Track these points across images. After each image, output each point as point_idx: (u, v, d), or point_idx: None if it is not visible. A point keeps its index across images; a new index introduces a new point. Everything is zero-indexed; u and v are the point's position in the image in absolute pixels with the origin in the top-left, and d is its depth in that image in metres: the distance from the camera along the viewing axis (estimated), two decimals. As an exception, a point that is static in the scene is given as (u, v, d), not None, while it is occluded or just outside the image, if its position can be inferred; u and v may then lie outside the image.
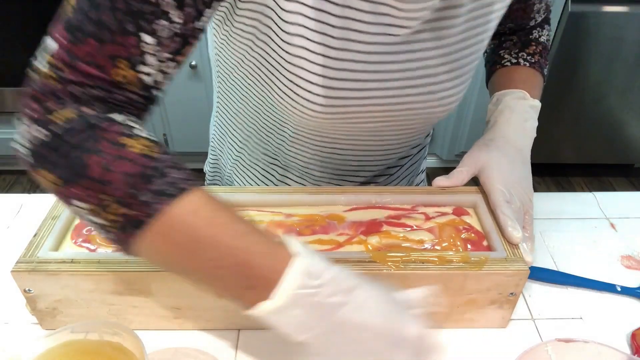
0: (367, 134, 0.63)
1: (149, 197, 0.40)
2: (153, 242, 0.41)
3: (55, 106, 0.42)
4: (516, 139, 0.63)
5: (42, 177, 0.42)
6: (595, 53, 1.83)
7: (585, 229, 0.73)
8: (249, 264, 0.40)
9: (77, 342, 0.47)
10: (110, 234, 0.42)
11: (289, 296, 0.39)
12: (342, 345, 0.42)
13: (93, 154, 0.40)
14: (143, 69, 0.43)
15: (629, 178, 2.27)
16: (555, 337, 0.49)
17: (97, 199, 0.40)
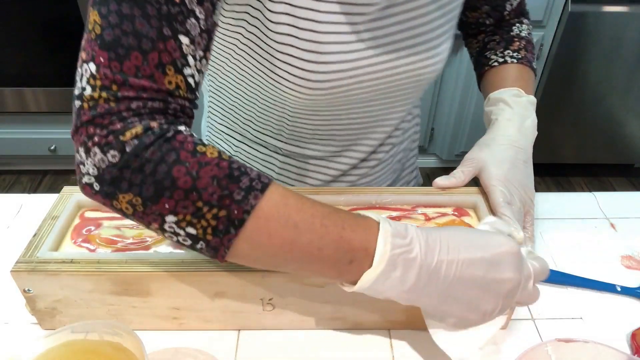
0: (361, 105, 0.63)
1: (241, 195, 0.41)
2: (252, 238, 0.42)
3: (120, 125, 0.41)
4: (518, 138, 0.63)
5: (123, 202, 0.42)
6: (595, 53, 1.83)
7: (585, 229, 0.73)
8: (345, 238, 0.43)
9: (77, 342, 0.47)
10: (203, 243, 0.42)
11: (387, 258, 0.42)
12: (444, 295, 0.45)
13: (177, 165, 0.41)
14: (187, 71, 0.43)
15: (629, 178, 2.27)
16: (555, 337, 0.49)
17: (190, 207, 0.41)
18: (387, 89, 0.62)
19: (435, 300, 0.45)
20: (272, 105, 0.63)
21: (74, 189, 0.62)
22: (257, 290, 0.54)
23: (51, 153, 2.06)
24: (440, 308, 0.46)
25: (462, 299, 0.45)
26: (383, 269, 0.42)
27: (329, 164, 0.71)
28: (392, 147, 0.74)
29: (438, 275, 0.44)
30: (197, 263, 0.52)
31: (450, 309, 0.46)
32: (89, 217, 0.60)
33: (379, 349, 0.56)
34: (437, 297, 0.45)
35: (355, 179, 0.73)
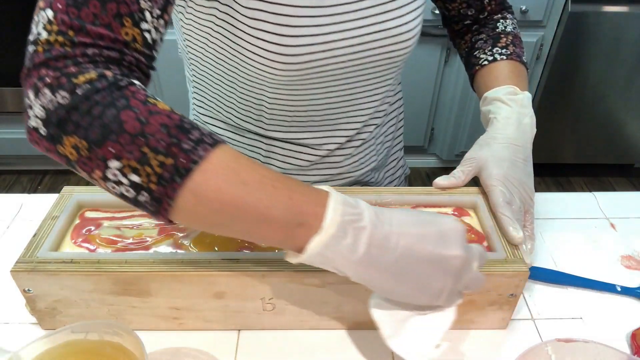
0: (338, 84, 0.64)
1: (191, 145, 0.40)
2: (198, 191, 0.40)
3: (74, 69, 0.40)
4: (516, 136, 0.63)
5: (68, 146, 0.40)
6: (595, 53, 1.83)
7: (585, 229, 0.73)
8: (296, 201, 0.42)
9: (77, 342, 0.47)
10: (146, 194, 0.41)
11: (338, 223, 0.41)
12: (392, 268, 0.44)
13: (127, 110, 0.40)
14: (144, 25, 0.44)
15: (629, 178, 2.27)
16: (555, 337, 0.49)
17: (135, 152, 0.39)
18: (361, 62, 0.63)
19: (385, 275, 0.44)
20: (250, 88, 0.64)
21: (74, 189, 0.62)
22: (257, 290, 0.54)
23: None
24: (390, 285, 0.45)
25: (411, 275, 0.44)
26: (333, 234, 0.41)
27: (314, 146, 0.71)
28: (375, 127, 0.74)
29: (388, 247, 0.43)
30: (197, 263, 0.52)
31: (400, 287, 0.45)
32: (89, 217, 0.60)
33: (379, 349, 0.56)
34: (386, 272, 0.44)
35: (341, 159, 0.73)
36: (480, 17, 0.76)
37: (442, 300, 0.46)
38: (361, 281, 0.45)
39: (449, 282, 0.45)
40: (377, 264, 0.43)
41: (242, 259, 0.53)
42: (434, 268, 0.44)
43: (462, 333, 0.58)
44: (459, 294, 0.48)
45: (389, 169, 0.83)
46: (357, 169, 0.75)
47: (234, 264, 0.52)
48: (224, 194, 0.41)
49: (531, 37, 1.82)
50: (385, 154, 0.80)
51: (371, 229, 0.42)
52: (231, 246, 0.57)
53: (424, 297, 0.46)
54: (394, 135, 0.81)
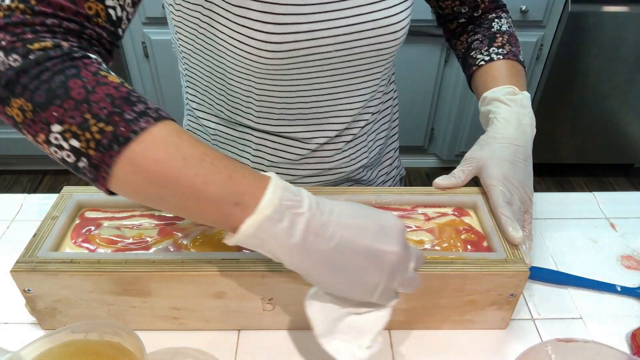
0: (324, 74, 0.64)
1: (133, 116, 0.41)
2: (136, 160, 0.40)
3: (30, 36, 0.42)
4: (517, 136, 0.63)
5: (16, 107, 0.41)
6: (595, 53, 1.83)
7: (585, 229, 0.73)
8: (235, 180, 0.42)
9: (77, 342, 0.47)
10: (85, 160, 0.41)
11: (275, 205, 0.41)
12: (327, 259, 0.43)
13: (76, 78, 0.41)
14: (108, 2, 0.45)
15: (629, 178, 2.27)
16: (555, 337, 0.49)
17: (79, 118, 0.40)
18: (348, 53, 0.62)
19: (320, 265, 0.43)
20: (238, 79, 0.64)
21: (74, 189, 0.62)
22: (257, 290, 0.54)
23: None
24: (325, 276, 0.44)
25: (346, 267, 0.43)
26: (269, 215, 0.41)
27: (303, 140, 0.71)
28: (366, 123, 0.74)
29: (325, 236, 0.42)
30: (197, 263, 0.52)
31: (334, 279, 0.44)
32: (89, 217, 0.60)
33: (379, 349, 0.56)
34: (321, 262, 0.43)
35: (331, 154, 0.72)
36: (475, 15, 0.76)
37: (377, 296, 0.45)
38: (296, 269, 0.44)
39: (384, 278, 0.44)
40: (313, 252, 0.42)
41: (242, 259, 0.53)
42: (370, 262, 0.44)
43: (462, 333, 0.58)
44: (394, 293, 0.47)
45: (382, 167, 0.83)
46: (347, 164, 0.74)
47: (234, 264, 0.52)
48: (160, 165, 0.41)
49: (531, 37, 1.82)
50: (378, 152, 0.80)
51: (309, 216, 0.42)
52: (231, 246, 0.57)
53: (358, 291, 0.45)
54: (388, 134, 0.81)
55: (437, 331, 0.58)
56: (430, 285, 0.54)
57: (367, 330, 0.47)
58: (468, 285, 0.54)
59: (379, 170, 0.82)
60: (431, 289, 0.54)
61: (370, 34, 0.62)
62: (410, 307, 0.56)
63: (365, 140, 0.75)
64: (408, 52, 1.81)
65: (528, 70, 1.89)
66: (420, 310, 0.56)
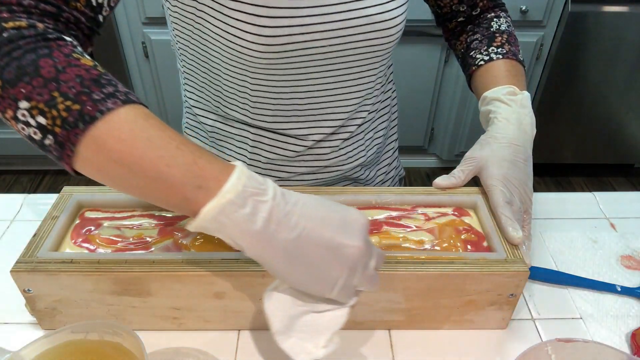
0: (319, 70, 0.64)
1: (101, 97, 0.41)
2: (100, 140, 0.41)
3: (8, 17, 0.42)
4: (517, 136, 0.63)
5: None
6: (595, 53, 1.83)
7: (585, 229, 0.73)
8: (199, 165, 0.42)
9: (77, 342, 0.47)
10: (51, 137, 0.41)
11: (238, 191, 0.41)
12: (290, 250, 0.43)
13: (47, 58, 0.41)
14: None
15: (629, 178, 2.27)
16: (555, 337, 0.49)
17: (47, 96, 0.41)
18: (342, 49, 0.62)
19: (280, 254, 0.43)
20: (233, 74, 0.64)
21: (74, 189, 0.62)
22: (257, 290, 0.54)
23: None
24: (284, 266, 0.44)
25: (307, 259, 0.43)
26: (231, 199, 0.41)
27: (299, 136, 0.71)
28: (363, 122, 0.73)
29: (287, 225, 0.42)
30: (197, 263, 0.52)
31: (293, 269, 0.44)
32: (89, 217, 0.60)
33: (379, 349, 0.56)
34: (282, 251, 0.43)
35: (328, 151, 0.72)
36: (473, 14, 0.76)
37: (336, 292, 0.45)
38: (255, 257, 0.44)
39: (344, 273, 0.44)
40: (274, 241, 0.42)
41: (242, 259, 0.53)
42: (331, 254, 0.43)
43: (462, 333, 0.58)
44: (354, 291, 0.47)
45: (381, 167, 0.83)
46: (344, 162, 0.74)
47: (234, 264, 0.52)
48: (124, 145, 0.41)
49: (531, 37, 1.82)
50: (376, 152, 0.80)
51: (273, 205, 0.42)
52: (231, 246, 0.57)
53: (317, 285, 0.45)
54: (386, 133, 0.81)
55: (437, 331, 0.58)
56: (430, 285, 0.54)
57: (325, 329, 0.47)
58: (468, 285, 0.54)
59: (377, 170, 0.82)
60: (431, 289, 0.54)
61: (364, 29, 0.61)
62: (410, 307, 0.56)
63: (363, 139, 0.75)
64: (407, 52, 1.81)
65: (528, 70, 1.89)
66: (420, 310, 0.56)
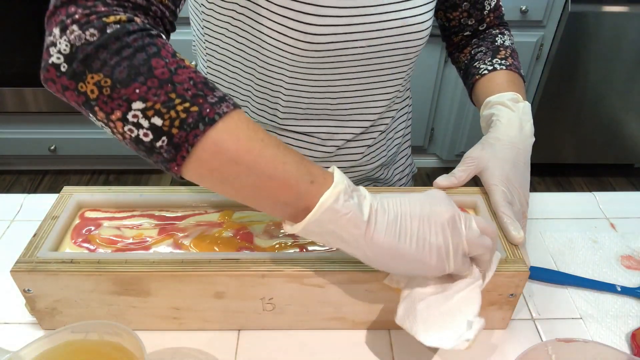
0: (354, 71, 0.65)
1: (215, 100, 0.43)
2: (219, 140, 0.42)
3: (104, 9, 0.42)
4: (519, 140, 0.64)
5: (91, 83, 0.41)
6: (595, 53, 1.83)
7: (585, 229, 0.73)
8: (306, 162, 0.45)
9: (77, 342, 0.47)
10: (165, 139, 0.41)
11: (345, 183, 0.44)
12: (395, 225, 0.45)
13: (157, 57, 0.42)
14: None
15: (629, 178, 2.27)
16: (555, 337, 0.49)
17: (164, 97, 0.41)
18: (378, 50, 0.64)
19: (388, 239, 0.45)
20: (269, 74, 0.64)
21: (74, 189, 0.62)
22: (257, 290, 0.54)
23: (51, 153, 2.06)
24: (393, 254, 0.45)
25: (409, 232, 0.45)
26: (343, 189, 0.43)
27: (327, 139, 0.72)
28: (391, 121, 0.76)
29: (385, 210, 0.45)
30: (197, 263, 0.52)
31: (404, 253, 0.45)
32: (89, 217, 0.60)
33: (379, 349, 0.56)
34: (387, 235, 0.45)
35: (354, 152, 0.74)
36: (480, 29, 0.78)
37: (452, 262, 0.47)
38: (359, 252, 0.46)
39: (449, 237, 0.46)
40: (378, 228, 0.45)
41: (242, 259, 0.53)
42: (427, 222, 0.46)
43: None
44: (469, 260, 0.49)
45: (398, 166, 0.84)
46: (368, 162, 0.76)
47: (234, 264, 0.52)
48: (242, 145, 0.42)
49: (531, 37, 1.82)
50: (395, 151, 0.81)
51: (371, 198, 0.46)
52: (231, 246, 0.57)
53: (429, 260, 0.46)
54: (404, 132, 0.83)
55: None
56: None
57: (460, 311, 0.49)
58: (468, 285, 0.54)
59: (395, 169, 0.84)
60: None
61: (399, 31, 0.63)
62: (410, 307, 0.56)
63: (385, 139, 0.77)
64: (408, 52, 1.81)
65: (528, 70, 1.90)
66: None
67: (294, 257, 0.53)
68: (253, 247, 0.57)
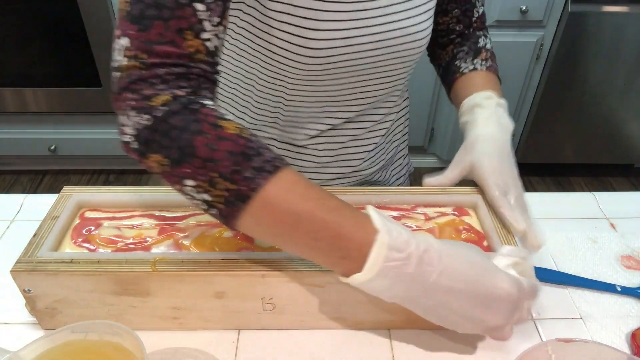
0: (354, 80, 0.65)
1: (251, 173, 0.45)
2: (255, 215, 0.45)
3: (150, 91, 0.45)
4: (498, 134, 0.65)
5: (153, 161, 0.46)
6: (595, 53, 1.83)
7: (585, 229, 0.73)
8: (342, 236, 0.45)
9: (77, 342, 0.47)
10: (215, 210, 0.46)
11: (377, 270, 0.44)
12: (434, 308, 0.48)
13: (198, 135, 0.45)
14: (204, 35, 0.48)
15: (629, 178, 2.26)
16: (555, 337, 0.49)
17: (206, 176, 0.45)
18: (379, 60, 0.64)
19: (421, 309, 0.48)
20: (270, 86, 0.65)
21: (74, 189, 0.62)
22: (257, 290, 0.54)
23: (51, 153, 2.06)
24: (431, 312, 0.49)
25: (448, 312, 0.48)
26: (371, 277, 0.44)
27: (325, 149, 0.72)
28: (390, 126, 0.76)
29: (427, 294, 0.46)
30: (197, 263, 0.52)
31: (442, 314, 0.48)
32: (89, 217, 0.60)
33: (379, 349, 0.56)
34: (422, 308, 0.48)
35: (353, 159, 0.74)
36: (465, 32, 0.79)
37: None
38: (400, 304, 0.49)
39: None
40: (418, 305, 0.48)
41: (242, 259, 0.53)
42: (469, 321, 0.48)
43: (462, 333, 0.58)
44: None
45: (395, 167, 0.85)
46: (368, 167, 0.77)
47: (234, 264, 0.52)
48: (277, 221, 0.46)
49: (531, 37, 1.82)
50: (393, 153, 0.82)
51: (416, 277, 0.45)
52: (231, 246, 0.57)
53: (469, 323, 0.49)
54: (402, 134, 0.84)
55: (437, 331, 0.58)
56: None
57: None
58: (468, 285, 0.54)
59: (392, 170, 0.84)
60: None
61: (400, 40, 0.64)
62: (410, 307, 0.56)
63: (384, 142, 0.78)
64: (408, 52, 1.81)
65: (528, 70, 1.90)
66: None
67: (294, 257, 0.53)
68: (253, 247, 0.57)
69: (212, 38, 0.48)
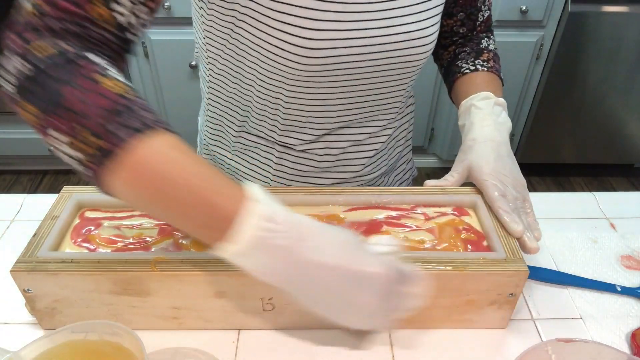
0: (354, 84, 0.65)
1: (117, 128, 0.42)
2: (123, 177, 0.43)
3: (32, 37, 0.44)
4: (495, 134, 0.65)
5: (23, 109, 0.44)
6: (595, 53, 1.83)
7: (585, 229, 0.73)
8: (212, 204, 0.43)
9: (77, 342, 0.47)
10: (86, 168, 0.43)
11: (248, 239, 0.42)
12: (308, 287, 0.46)
13: (68, 86, 0.43)
14: (117, 7, 0.47)
15: (629, 178, 2.27)
16: (555, 337, 0.49)
17: (71, 128, 0.42)
18: (380, 64, 0.63)
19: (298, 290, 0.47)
20: (268, 86, 0.64)
21: (74, 188, 0.62)
22: (257, 290, 0.54)
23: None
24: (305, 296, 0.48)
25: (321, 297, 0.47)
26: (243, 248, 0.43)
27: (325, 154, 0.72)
28: (393, 132, 0.76)
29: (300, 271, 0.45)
30: (197, 263, 0.52)
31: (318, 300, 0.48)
32: (89, 217, 0.60)
33: (379, 349, 0.56)
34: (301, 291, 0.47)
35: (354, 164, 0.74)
36: (469, 35, 0.79)
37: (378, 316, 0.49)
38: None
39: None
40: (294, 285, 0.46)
41: (242, 259, 0.53)
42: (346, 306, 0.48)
43: (462, 333, 0.58)
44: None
45: (397, 172, 0.84)
46: (369, 172, 0.76)
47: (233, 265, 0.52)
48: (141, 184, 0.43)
49: (531, 37, 1.82)
50: (396, 159, 0.81)
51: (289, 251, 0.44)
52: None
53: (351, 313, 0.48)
54: (406, 139, 0.83)
55: (437, 331, 0.58)
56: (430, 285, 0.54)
57: None
58: (468, 284, 0.54)
59: (395, 175, 0.84)
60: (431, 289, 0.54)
61: (402, 45, 0.63)
62: (410, 307, 0.56)
63: (386, 148, 0.77)
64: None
65: (528, 70, 1.90)
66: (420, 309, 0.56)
67: (294, 257, 0.53)
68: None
69: (127, 14, 0.47)
